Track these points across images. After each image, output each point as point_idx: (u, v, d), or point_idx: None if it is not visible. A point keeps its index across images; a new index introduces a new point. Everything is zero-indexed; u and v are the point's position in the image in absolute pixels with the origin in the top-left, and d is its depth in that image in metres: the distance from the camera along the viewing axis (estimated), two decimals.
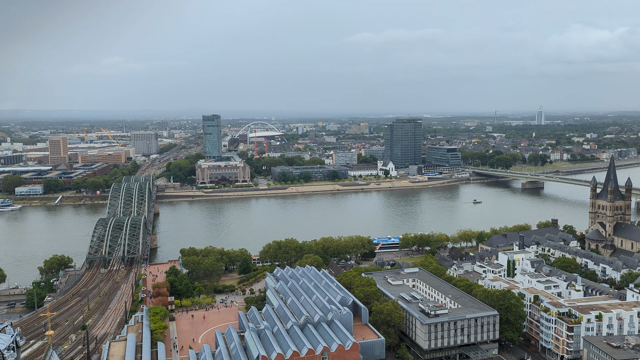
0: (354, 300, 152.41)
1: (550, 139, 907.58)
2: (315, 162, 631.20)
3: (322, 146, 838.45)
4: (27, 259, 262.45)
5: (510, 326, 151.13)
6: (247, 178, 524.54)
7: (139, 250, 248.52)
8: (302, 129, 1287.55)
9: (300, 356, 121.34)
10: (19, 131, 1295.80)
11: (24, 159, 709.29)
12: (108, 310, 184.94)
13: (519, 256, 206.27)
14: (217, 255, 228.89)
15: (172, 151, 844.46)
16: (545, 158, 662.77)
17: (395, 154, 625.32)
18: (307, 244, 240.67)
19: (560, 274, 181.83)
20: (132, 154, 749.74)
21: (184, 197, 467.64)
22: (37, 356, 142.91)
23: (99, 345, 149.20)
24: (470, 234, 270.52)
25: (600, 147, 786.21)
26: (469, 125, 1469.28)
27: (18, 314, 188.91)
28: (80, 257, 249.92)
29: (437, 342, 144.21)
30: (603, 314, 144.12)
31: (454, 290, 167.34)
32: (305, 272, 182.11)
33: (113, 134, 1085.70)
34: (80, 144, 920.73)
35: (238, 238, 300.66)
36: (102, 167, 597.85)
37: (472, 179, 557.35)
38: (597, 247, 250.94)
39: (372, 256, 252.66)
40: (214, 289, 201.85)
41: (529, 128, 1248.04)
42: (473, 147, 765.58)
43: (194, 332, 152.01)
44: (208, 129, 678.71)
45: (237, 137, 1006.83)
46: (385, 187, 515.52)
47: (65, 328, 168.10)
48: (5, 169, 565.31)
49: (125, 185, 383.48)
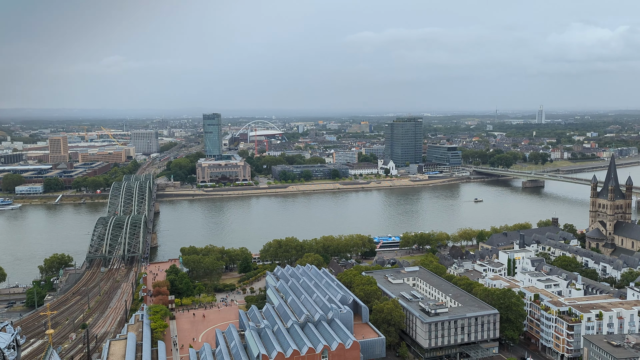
0: (355, 299, 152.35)
1: (551, 137, 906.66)
2: (316, 160, 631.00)
3: (322, 145, 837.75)
4: (27, 258, 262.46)
5: (511, 325, 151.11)
6: (247, 177, 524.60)
7: (139, 249, 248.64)
8: (303, 127, 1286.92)
9: (300, 355, 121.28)
10: (19, 130, 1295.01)
11: (24, 158, 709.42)
12: (108, 309, 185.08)
13: (520, 255, 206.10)
14: (218, 254, 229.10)
15: (173, 150, 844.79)
16: (546, 157, 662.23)
17: (396, 153, 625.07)
18: (308, 242, 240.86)
19: (560, 273, 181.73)
20: (132, 153, 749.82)
21: (184, 196, 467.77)
22: (38, 355, 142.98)
23: (99, 344, 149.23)
24: (471, 233, 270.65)
25: (600, 145, 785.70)
26: (469, 124, 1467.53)
27: (18, 312, 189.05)
28: (80, 256, 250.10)
29: (438, 341, 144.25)
30: (603, 312, 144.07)
31: (454, 289, 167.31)
32: (306, 270, 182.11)
33: (113, 133, 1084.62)
34: (81, 142, 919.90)
35: (238, 237, 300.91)
36: (103, 166, 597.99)
37: (473, 177, 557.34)
38: (598, 246, 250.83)
39: (373, 255, 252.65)
40: (214, 288, 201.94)
41: (530, 127, 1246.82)
42: (473, 146, 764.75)
43: (195, 331, 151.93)
44: (208, 127, 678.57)
45: (237, 136, 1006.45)
46: (386, 185, 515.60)
47: (66, 327, 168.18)
48: (5, 168, 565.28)
49: (125, 184, 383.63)
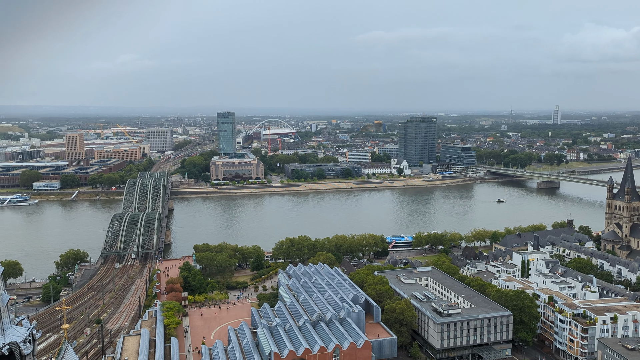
0: (367, 298, 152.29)
1: (567, 138, 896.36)
2: (329, 159, 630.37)
3: (335, 144, 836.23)
4: (43, 253, 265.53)
5: (524, 327, 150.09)
6: (260, 175, 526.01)
7: (153, 245, 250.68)
8: (316, 126, 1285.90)
9: (312, 353, 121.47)
10: (37, 127, 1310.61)
11: (41, 155, 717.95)
12: (122, 305, 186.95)
13: (534, 256, 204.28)
14: (231, 252, 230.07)
15: (187, 148, 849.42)
16: (561, 158, 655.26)
17: (409, 153, 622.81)
18: (320, 241, 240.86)
19: (575, 275, 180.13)
20: (147, 150, 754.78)
21: (198, 194, 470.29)
22: (53, 349, 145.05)
23: (113, 340, 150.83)
24: (484, 234, 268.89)
25: (617, 147, 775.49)
26: (483, 124, 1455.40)
27: (34, 307, 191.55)
28: (95, 251, 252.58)
29: (450, 342, 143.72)
30: (618, 315, 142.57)
31: (467, 290, 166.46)
32: (318, 269, 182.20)
33: (129, 130, 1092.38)
34: (97, 140, 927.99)
35: (251, 235, 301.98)
36: (118, 163, 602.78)
37: (487, 178, 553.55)
38: (613, 248, 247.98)
39: (385, 255, 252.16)
40: (226, 285, 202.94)
41: (545, 127, 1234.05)
42: (488, 146, 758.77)
43: (207, 328, 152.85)
44: (222, 126, 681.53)
45: (251, 134, 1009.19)
46: (399, 185, 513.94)
47: (81, 322, 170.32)
48: (23, 164, 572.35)
49: (140, 181, 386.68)
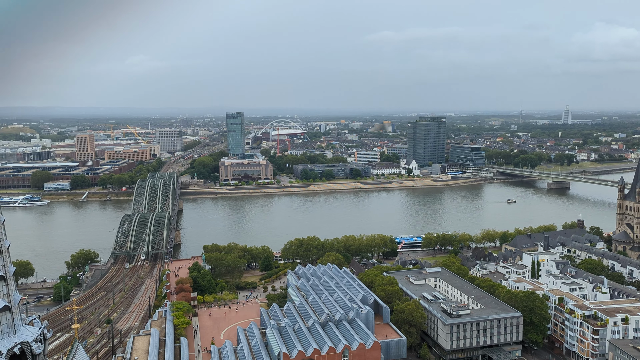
0: (376, 299, 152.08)
1: (577, 138, 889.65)
2: (338, 160, 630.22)
3: (344, 144, 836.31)
4: (54, 254, 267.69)
5: (534, 328, 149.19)
6: (269, 175, 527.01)
7: (163, 246, 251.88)
8: (325, 127, 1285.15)
9: (321, 354, 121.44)
10: (48, 128, 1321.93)
11: (52, 155, 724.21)
12: (132, 305, 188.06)
13: (544, 257, 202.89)
14: (240, 252, 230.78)
15: (196, 148, 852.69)
16: (572, 158, 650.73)
17: (418, 153, 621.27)
18: (329, 242, 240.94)
19: (586, 276, 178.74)
20: (157, 151, 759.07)
21: (207, 194, 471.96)
22: (64, 349, 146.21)
23: (123, 339, 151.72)
24: (494, 234, 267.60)
25: (628, 147, 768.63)
26: (493, 124, 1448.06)
27: (45, 307, 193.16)
28: (105, 252, 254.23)
29: (459, 343, 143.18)
30: (629, 317, 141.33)
31: (476, 291, 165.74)
32: (327, 270, 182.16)
33: (138, 131, 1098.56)
34: (107, 140, 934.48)
35: (260, 235, 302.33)
36: (128, 164, 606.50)
37: (497, 178, 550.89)
38: (624, 249, 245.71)
39: (394, 255, 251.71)
40: (236, 286, 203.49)
41: (555, 127, 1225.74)
42: (497, 146, 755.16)
43: (216, 328, 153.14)
44: (232, 126, 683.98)
45: (260, 135, 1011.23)
46: (408, 185, 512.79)
47: (91, 322, 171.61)
48: (34, 165, 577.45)
49: (150, 181, 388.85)
